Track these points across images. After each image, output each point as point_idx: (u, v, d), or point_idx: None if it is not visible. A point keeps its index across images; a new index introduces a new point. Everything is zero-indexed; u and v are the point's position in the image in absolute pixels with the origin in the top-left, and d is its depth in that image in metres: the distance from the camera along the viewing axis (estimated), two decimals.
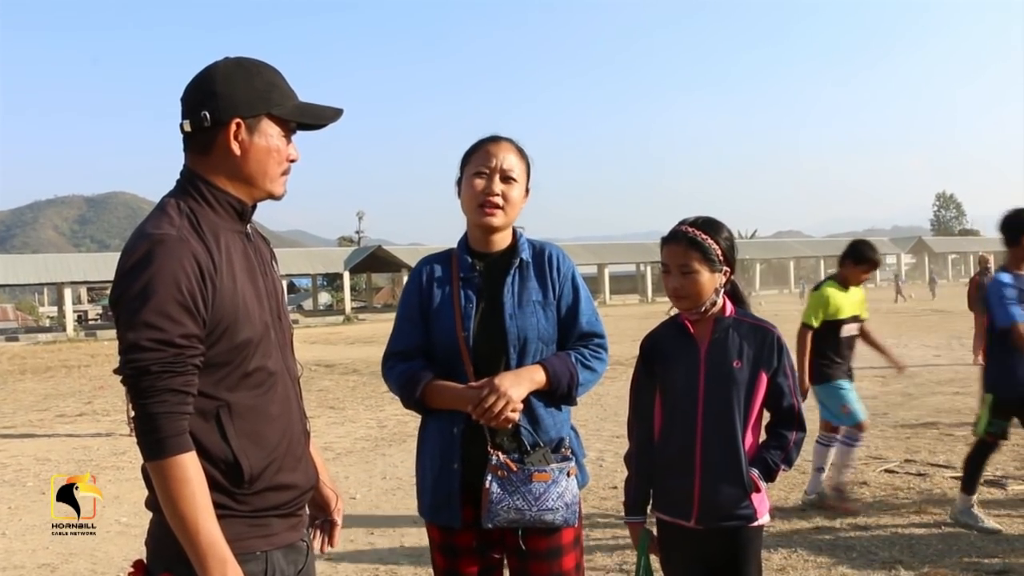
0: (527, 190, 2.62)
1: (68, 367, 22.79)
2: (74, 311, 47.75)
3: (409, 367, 2.52)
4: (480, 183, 2.51)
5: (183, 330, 1.71)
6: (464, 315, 2.50)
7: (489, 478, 2.38)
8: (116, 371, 1.75)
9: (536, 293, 2.53)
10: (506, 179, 2.51)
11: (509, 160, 2.53)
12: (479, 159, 2.54)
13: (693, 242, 2.60)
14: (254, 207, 1.98)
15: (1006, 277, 5.11)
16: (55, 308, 56.17)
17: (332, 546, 2.26)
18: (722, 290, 2.67)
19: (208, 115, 1.85)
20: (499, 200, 2.50)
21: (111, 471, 8.49)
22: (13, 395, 16.43)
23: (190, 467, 1.71)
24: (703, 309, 2.64)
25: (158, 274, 1.71)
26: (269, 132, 1.91)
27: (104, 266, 43.27)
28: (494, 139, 2.58)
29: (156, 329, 1.69)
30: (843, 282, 6.06)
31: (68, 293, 43.81)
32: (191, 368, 1.74)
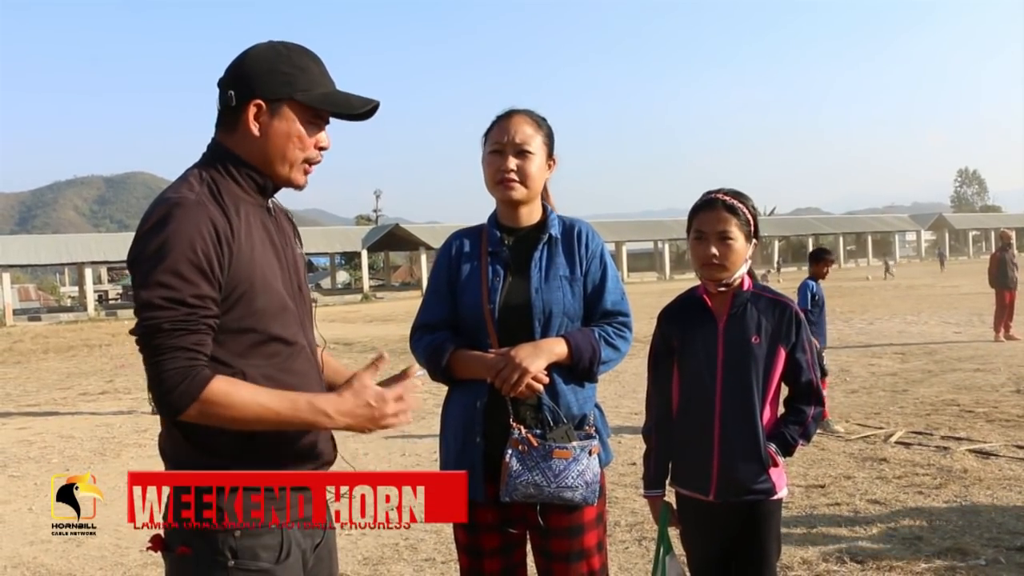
0: (552, 158, 2.62)
1: (90, 346, 23.01)
2: (95, 291, 48.12)
3: (435, 338, 2.55)
4: (495, 160, 2.53)
5: (196, 290, 1.73)
6: (491, 288, 2.51)
7: (509, 452, 2.39)
8: (131, 331, 1.76)
9: (563, 268, 2.54)
10: (520, 153, 2.52)
11: (522, 133, 2.53)
12: (494, 136, 2.56)
13: (731, 208, 2.59)
14: (276, 187, 1.99)
15: None
16: (76, 288, 56.60)
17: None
18: (749, 261, 2.65)
19: (233, 95, 1.88)
20: (514, 175, 2.51)
21: (133, 448, 8.59)
22: (36, 374, 16.63)
23: (221, 386, 1.72)
24: (731, 280, 2.62)
25: (173, 235, 1.72)
26: (291, 117, 1.91)
27: (124, 246, 43.20)
28: (507, 114, 2.59)
29: (168, 288, 1.71)
30: None
31: (89, 273, 44.13)
32: (204, 328, 1.75)
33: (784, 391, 2.73)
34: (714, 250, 2.58)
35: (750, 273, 2.72)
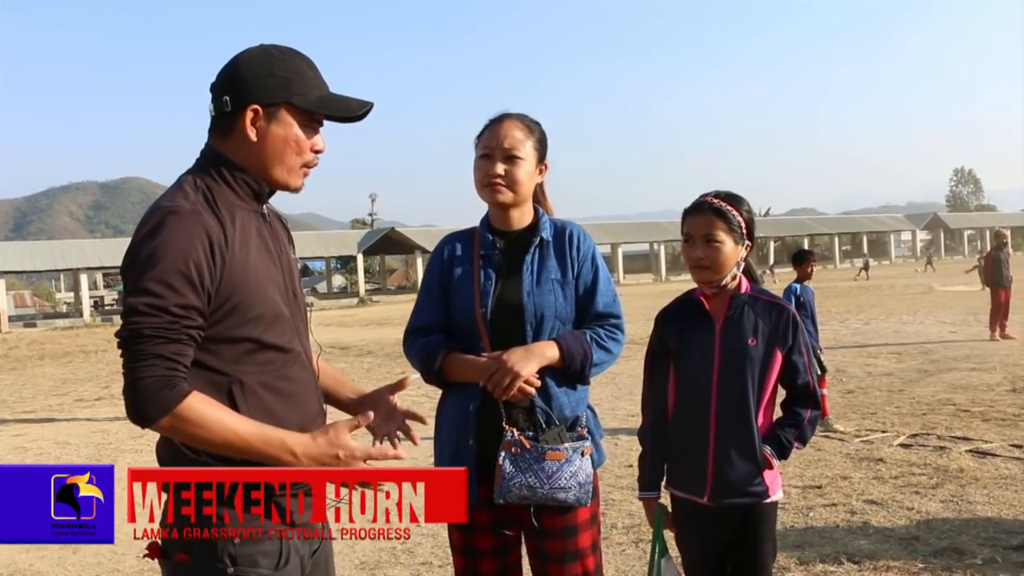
0: (543, 163, 2.62)
1: (85, 352, 22.94)
2: (90, 296, 48.02)
3: (428, 341, 2.56)
4: (483, 164, 2.54)
5: (181, 300, 1.72)
6: (483, 291, 2.52)
7: (502, 454, 2.40)
8: (116, 334, 1.77)
9: (555, 271, 2.55)
10: (509, 158, 2.52)
11: (512, 138, 2.53)
12: (484, 140, 2.57)
13: (718, 211, 2.61)
14: (272, 191, 1.98)
15: None
16: (71, 294, 56.44)
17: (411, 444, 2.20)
18: (742, 264, 2.66)
19: (228, 100, 1.87)
20: (500, 180, 2.51)
21: (130, 454, 8.57)
22: (32, 380, 16.57)
23: (197, 405, 1.73)
24: (723, 283, 2.63)
25: (165, 244, 1.73)
26: (288, 121, 1.90)
27: (119, 252, 42.88)
28: (499, 118, 2.59)
29: (154, 295, 1.71)
30: None
31: (84, 279, 44.03)
32: (185, 338, 1.74)
33: (781, 394, 2.74)
34: (700, 253, 2.61)
35: (749, 275, 2.73)
